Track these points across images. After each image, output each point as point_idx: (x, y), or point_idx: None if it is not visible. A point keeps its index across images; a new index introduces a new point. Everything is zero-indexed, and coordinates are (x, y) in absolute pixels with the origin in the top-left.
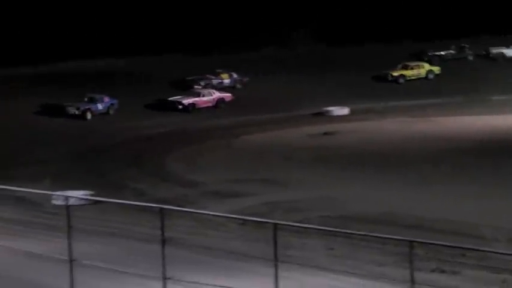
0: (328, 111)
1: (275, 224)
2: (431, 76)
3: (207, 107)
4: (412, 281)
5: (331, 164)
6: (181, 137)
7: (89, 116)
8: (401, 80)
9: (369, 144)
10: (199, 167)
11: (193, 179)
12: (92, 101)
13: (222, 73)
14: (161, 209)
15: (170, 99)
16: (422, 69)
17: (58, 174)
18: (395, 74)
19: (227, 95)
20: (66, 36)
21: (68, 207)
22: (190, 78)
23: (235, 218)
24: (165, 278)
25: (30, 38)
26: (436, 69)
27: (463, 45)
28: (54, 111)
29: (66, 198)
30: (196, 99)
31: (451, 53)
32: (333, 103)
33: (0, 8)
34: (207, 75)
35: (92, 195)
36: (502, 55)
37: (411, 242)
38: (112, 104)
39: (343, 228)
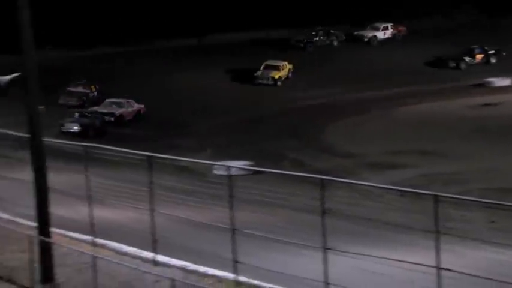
0: (488, 82)
1: (435, 196)
2: (290, 75)
3: (129, 120)
4: None
5: (493, 135)
6: (338, 109)
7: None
8: (279, 83)
9: None
10: (358, 138)
11: (352, 150)
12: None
13: (90, 85)
14: (321, 179)
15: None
16: (286, 68)
17: (219, 145)
18: (276, 76)
19: (142, 107)
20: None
21: (229, 177)
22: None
23: (394, 189)
24: (325, 248)
25: (194, 12)
26: (291, 66)
27: (328, 30)
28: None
29: (228, 168)
30: (124, 110)
31: (321, 39)
32: (492, 74)
33: None
34: (69, 89)
35: (252, 165)
36: (375, 38)
37: None
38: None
39: (504, 200)
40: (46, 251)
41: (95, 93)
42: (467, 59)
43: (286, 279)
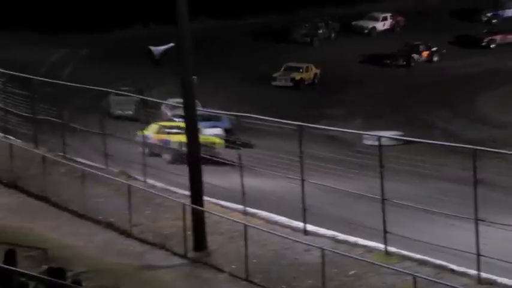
0: None
1: None
2: (316, 80)
3: None
4: None
5: None
6: (491, 77)
7: None
8: (302, 86)
9: None
10: None
11: (506, 120)
12: None
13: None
14: (474, 150)
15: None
16: (312, 71)
17: (368, 115)
18: (297, 77)
19: None
20: None
21: (379, 147)
22: None
23: None
24: (477, 220)
25: None
26: (318, 72)
27: (327, 21)
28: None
29: (378, 138)
30: None
31: (324, 31)
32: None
33: None
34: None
35: (401, 135)
36: (375, 29)
37: None
38: None
39: None
40: (199, 219)
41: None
42: (415, 56)
43: (436, 250)
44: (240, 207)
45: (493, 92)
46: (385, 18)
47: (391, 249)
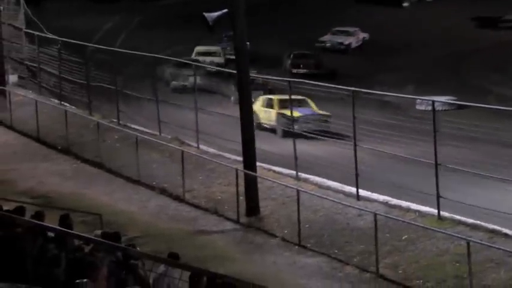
0: None
1: None
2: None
3: None
4: None
5: None
6: None
7: None
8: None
9: None
10: None
11: None
12: None
13: None
14: None
15: None
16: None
17: (421, 80)
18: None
19: None
20: None
21: (433, 112)
22: None
23: None
24: None
25: None
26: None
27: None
28: None
29: (432, 103)
30: None
31: None
32: None
33: None
34: None
35: (455, 100)
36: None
37: None
38: None
39: None
40: (251, 185)
41: None
42: None
43: (489, 214)
44: (293, 172)
45: None
46: None
47: (444, 214)
